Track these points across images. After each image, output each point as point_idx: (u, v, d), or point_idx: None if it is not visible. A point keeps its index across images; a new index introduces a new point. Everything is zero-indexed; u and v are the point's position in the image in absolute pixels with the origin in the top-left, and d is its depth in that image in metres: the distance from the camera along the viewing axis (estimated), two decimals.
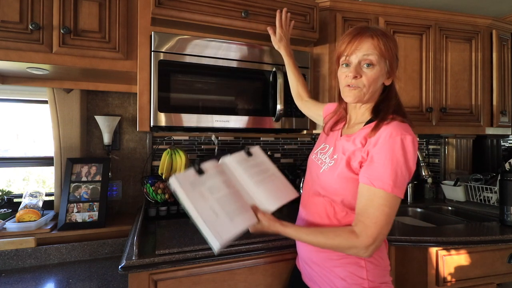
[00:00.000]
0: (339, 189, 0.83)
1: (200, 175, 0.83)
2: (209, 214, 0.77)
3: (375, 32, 0.80)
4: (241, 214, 0.81)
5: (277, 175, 0.97)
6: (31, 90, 1.56)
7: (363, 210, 0.76)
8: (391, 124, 0.78)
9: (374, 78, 0.80)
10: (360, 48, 0.80)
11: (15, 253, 1.22)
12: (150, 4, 1.21)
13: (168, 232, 1.20)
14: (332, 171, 0.85)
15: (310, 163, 1.00)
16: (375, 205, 0.74)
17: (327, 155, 0.91)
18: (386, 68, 0.81)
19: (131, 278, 0.96)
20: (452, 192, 1.89)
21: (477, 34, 1.84)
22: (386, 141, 0.75)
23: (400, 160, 0.74)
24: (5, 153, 1.70)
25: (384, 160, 0.74)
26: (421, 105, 1.75)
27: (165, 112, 1.24)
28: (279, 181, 0.96)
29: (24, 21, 1.13)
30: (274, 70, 1.41)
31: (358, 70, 0.81)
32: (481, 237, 1.20)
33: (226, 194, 0.83)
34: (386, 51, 0.79)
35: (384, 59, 0.80)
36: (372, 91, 0.83)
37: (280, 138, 1.97)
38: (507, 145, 2.50)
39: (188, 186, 0.79)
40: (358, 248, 0.75)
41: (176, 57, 1.27)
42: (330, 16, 1.58)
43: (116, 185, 1.63)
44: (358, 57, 0.80)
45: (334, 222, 0.87)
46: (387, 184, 0.73)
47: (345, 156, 0.83)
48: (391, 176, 0.73)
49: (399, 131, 0.75)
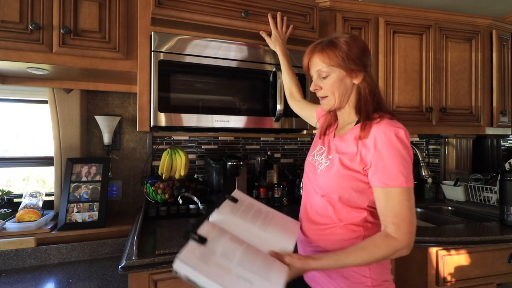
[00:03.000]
0: (336, 186, 0.85)
1: (204, 244, 0.68)
2: (243, 285, 0.64)
3: (322, 46, 0.88)
4: (271, 269, 0.71)
5: (271, 211, 0.92)
6: (31, 90, 1.56)
7: (387, 211, 0.78)
8: (382, 122, 0.81)
9: (331, 85, 0.88)
10: (312, 64, 0.90)
11: (15, 253, 1.22)
12: (150, 4, 1.21)
13: (168, 232, 1.20)
14: (328, 171, 0.88)
15: (307, 165, 1.01)
16: (396, 203, 0.77)
17: (323, 156, 0.94)
18: (343, 72, 0.86)
19: (131, 278, 0.96)
20: (452, 192, 1.89)
21: (477, 34, 1.84)
22: (385, 140, 0.78)
23: (402, 153, 0.77)
24: (5, 153, 1.70)
25: (389, 159, 0.77)
26: (421, 105, 1.75)
27: (165, 112, 1.24)
28: (277, 216, 0.90)
29: (24, 21, 1.13)
30: (274, 70, 1.41)
31: (317, 83, 0.90)
32: (481, 237, 1.20)
33: (243, 253, 0.71)
34: (333, 60, 0.85)
35: (333, 67, 0.86)
36: (340, 96, 0.88)
37: (280, 138, 1.97)
38: (507, 145, 2.50)
39: (200, 263, 0.63)
40: (402, 249, 0.76)
41: (176, 57, 1.27)
42: (330, 16, 1.58)
43: (116, 185, 1.63)
44: (314, 72, 0.91)
45: (335, 221, 0.87)
46: (400, 180, 0.76)
47: (338, 155, 0.87)
48: (400, 171, 0.76)
49: (391, 127, 0.79)
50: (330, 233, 0.87)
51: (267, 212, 0.90)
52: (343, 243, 0.84)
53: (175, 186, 1.49)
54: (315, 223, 0.92)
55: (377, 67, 1.68)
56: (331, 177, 0.86)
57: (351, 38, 0.88)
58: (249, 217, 0.83)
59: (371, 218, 0.85)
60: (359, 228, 0.85)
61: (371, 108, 0.85)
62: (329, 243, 0.87)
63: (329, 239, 0.87)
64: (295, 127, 1.47)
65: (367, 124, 0.82)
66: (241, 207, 0.86)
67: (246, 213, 0.84)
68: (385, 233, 0.77)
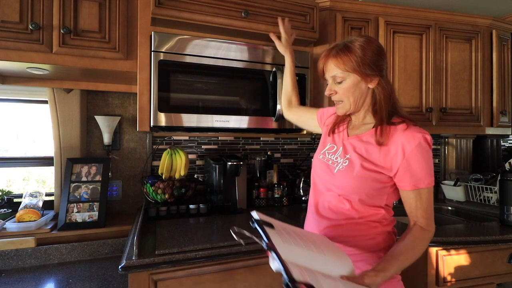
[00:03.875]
0: (357, 187, 0.86)
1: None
2: None
3: (336, 51, 0.88)
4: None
5: (303, 231, 0.84)
6: (31, 90, 1.56)
7: (417, 209, 0.85)
8: (409, 130, 0.84)
9: (347, 90, 0.88)
10: (327, 69, 0.91)
11: (15, 253, 1.22)
12: (150, 4, 1.21)
13: (168, 232, 1.20)
14: (348, 171, 0.88)
15: (318, 164, 1.00)
16: (425, 201, 0.84)
17: (338, 155, 0.94)
18: (358, 77, 0.87)
19: (131, 278, 0.96)
20: (452, 192, 1.89)
21: (477, 34, 1.84)
22: (415, 147, 0.82)
23: (430, 156, 0.84)
24: (5, 153, 1.70)
25: (419, 164, 0.82)
26: (421, 105, 1.75)
27: (165, 112, 1.24)
28: (309, 233, 0.86)
29: (24, 21, 1.13)
30: (274, 70, 1.41)
31: (332, 87, 0.91)
32: (481, 237, 1.20)
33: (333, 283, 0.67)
34: (348, 65, 0.86)
35: (348, 72, 0.87)
36: (355, 100, 0.89)
37: (280, 138, 1.96)
38: (507, 145, 2.50)
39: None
40: (431, 238, 0.86)
41: (176, 57, 1.27)
42: (330, 16, 1.58)
43: (116, 185, 1.63)
44: (329, 77, 0.91)
45: (353, 217, 0.88)
46: (428, 180, 0.83)
47: (358, 156, 0.88)
48: (429, 173, 0.83)
49: (419, 134, 0.82)
50: (350, 229, 0.89)
51: (300, 231, 0.80)
52: (360, 239, 0.88)
53: (175, 186, 1.49)
54: (328, 219, 0.93)
55: None
56: (353, 178, 0.87)
57: (366, 41, 0.87)
58: (301, 243, 0.73)
59: (387, 215, 0.90)
60: (378, 225, 0.89)
61: (387, 112, 0.87)
62: (349, 239, 0.89)
63: (349, 235, 0.89)
64: (295, 127, 1.47)
65: (385, 128, 0.85)
66: (282, 232, 0.74)
67: (293, 239, 0.74)
68: (419, 228, 0.84)
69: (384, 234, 0.89)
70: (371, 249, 0.88)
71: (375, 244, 0.88)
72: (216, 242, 1.06)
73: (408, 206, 0.86)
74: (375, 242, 0.88)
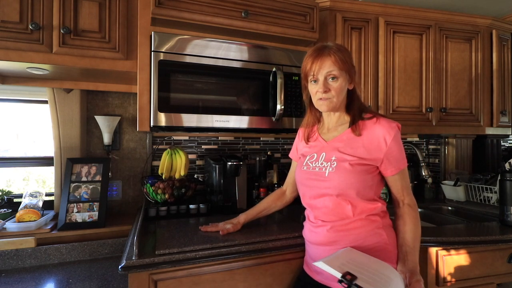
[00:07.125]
0: (352, 182, 0.92)
1: None
2: None
3: (331, 50, 0.94)
4: None
5: (358, 256, 0.87)
6: (31, 90, 1.56)
7: (402, 188, 0.97)
8: (382, 121, 0.95)
9: (340, 88, 0.95)
10: (323, 66, 0.94)
11: (15, 253, 1.22)
12: (150, 4, 1.22)
13: (168, 232, 1.20)
14: (341, 170, 0.93)
15: (304, 175, 1.02)
16: (406, 179, 0.98)
17: (322, 160, 0.99)
18: (347, 77, 0.96)
19: (131, 278, 0.96)
20: (452, 192, 1.89)
21: (477, 34, 1.84)
22: (394, 136, 0.93)
23: (401, 141, 0.96)
24: (5, 153, 1.70)
25: (398, 150, 0.94)
26: (421, 105, 1.75)
27: (165, 112, 1.24)
28: (364, 255, 0.89)
29: (24, 21, 1.13)
30: (274, 70, 1.41)
31: (326, 85, 0.95)
32: (481, 237, 1.20)
33: None
34: (343, 64, 0.94)
35: (343, 71, 0.94)
36: (341, 99, 0.97)
37: (280, 138, 1.96)
38: (507, 145, 2.50)
39: None
40: None
41: (176, 57, 1.27)
42: (330, 16, 1.58)
43: (116, 185, 1.63)
44: (323, 74, 0.94)
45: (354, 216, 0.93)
46: (404, 161, 0.96)
47: (344, 154, 0.95)
48: (404, 155, 0.96)
49: (393, 124, 0.94)
50: (352, 227, 0.93)
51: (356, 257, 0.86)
52: (365, 234, 0.92)
53: (175, 186, 1.49)
54: (329, 222, 0.96)
55: (377, 67, 1.68)
56: (347, 174, 0.92)
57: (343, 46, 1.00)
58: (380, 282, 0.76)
59: (383, 207, 0.97)
60: (377, 218, 0.95)
61: (359, 110, 0.99)
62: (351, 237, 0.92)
63: (351, 233, 0.93)
64: (295, 127, 1.47)
65: (362, 123, 0.96)
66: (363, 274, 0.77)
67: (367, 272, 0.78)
68: (408, 207, 0.96)
69: (387, 229, 0.95)
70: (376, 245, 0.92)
71: (381, 239, 0.93)
72: (216, 242, 1.06)
73: (396, 189, 0.98)
74: (380, 238, 0.93)
